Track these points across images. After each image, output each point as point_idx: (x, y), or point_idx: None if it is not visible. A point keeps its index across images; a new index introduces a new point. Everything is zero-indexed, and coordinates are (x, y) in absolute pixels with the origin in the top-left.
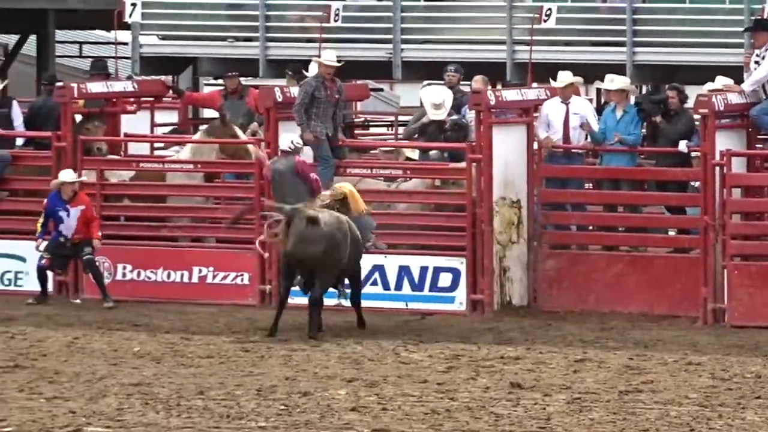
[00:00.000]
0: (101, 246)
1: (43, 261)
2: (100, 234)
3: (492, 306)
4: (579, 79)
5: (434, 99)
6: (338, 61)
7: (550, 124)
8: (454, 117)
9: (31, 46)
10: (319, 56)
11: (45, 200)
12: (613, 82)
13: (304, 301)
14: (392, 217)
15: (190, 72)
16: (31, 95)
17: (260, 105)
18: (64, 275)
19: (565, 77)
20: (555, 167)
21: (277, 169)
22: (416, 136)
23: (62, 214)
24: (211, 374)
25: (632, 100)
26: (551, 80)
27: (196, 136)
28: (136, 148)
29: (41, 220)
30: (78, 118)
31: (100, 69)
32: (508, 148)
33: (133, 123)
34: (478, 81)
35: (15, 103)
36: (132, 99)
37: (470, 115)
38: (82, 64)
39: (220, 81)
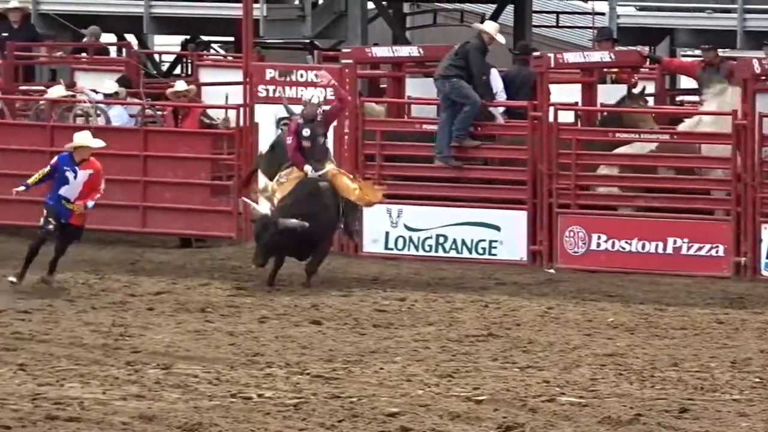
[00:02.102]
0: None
1: (50, 226)
2: (93, 201)
3: None
4: None
5: None
6: None
7: None
8: None
9: (508, 15)
10: None
11: (55, 158)
12: None
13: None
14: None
15: (667, 43)
16: (506, 65)
17: (737, 76)
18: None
19: None
20: None
21: None
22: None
23: (69, 175)
24: (685, 346)
25: None
26: None
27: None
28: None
29: (41, 173)
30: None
31: (606, 35)
32: None
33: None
34: None
35: (494, 71)
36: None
37: None
38: (558, 34)
39: (698, 52)
